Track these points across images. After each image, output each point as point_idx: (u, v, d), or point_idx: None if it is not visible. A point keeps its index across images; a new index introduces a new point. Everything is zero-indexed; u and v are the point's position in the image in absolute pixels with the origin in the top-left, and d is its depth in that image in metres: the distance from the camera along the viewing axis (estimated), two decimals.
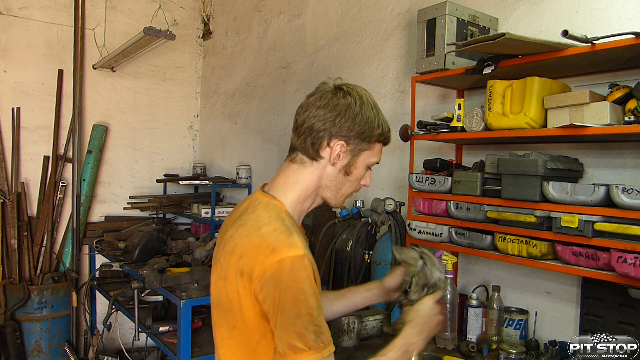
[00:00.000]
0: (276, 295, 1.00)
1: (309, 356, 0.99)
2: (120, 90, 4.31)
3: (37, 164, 3.89)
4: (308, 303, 1.00)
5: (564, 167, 1.70)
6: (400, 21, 2.65)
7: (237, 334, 1.10)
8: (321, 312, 1.03)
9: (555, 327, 1.92)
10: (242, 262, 1.05)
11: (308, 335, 1.00)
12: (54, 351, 3.61)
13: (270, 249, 1.01)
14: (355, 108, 1.13)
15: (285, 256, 1.00)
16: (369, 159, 1.20)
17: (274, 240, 1.03)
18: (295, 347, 0.99)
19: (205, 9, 4.69)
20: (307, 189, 1.17)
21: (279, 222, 1.07)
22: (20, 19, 3.82)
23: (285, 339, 1.00)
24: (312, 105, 1.14)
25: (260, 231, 1.05)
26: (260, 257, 1.02)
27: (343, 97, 1.13)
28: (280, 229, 1.05)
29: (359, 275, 2.30)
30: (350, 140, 1.14)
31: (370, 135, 1.16)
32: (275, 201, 1.15)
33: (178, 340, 2.40)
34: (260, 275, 1.01)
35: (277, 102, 3.68)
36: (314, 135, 1.13)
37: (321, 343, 1.01)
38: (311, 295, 1.01)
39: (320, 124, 1.12)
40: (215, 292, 1.16)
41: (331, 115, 1.12)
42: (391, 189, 2.65)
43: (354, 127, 1.13)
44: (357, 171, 1.19)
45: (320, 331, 1.01)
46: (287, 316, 1.00)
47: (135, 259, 3.03)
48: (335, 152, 1.14)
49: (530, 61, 1.70)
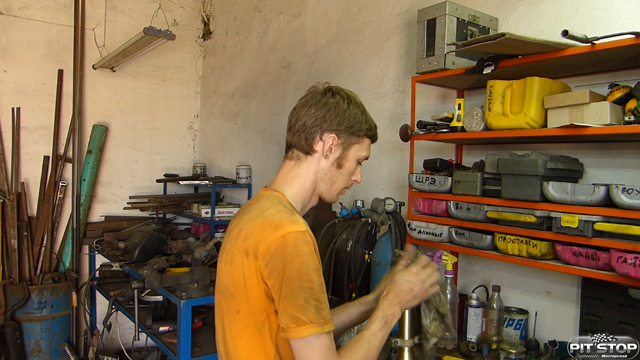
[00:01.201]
0: (280, 268, 1.05)
1: (311, 329, 1.02)
2: (120, 90, 4.31)
3: (37, 164, 3.89)
4: (310, 277, 1.05)
5: (564, 167, 1.70)
6: (400, 21, 2.65)
7: (241, 319, 1.13)
8: (323, 288, 1.07)
9: (555, 327, 1.92)
10: (247, 242, 1.11)
11: (309, 309, 1.03)
12: (54, 351, 3.61)
13: (274, 226, 1.08)
14: (344, 105, 1.23)
15: (288, 231, 1.06)
16: (359, 153, 1.27)
17: (277, 218, 1.10)
18: (298, 320, 1.02)
19: (205, 9, 4.69)
20: (304, 183, 1.25)
21: (281, 206, 1.16)
22: (20, 19, 3.82)
23: (289, 311, 1.03)
24: (304, 105, 1.25)
25: (264, 214, 1.13)
26: (265, 234, 1.08)
27: (332, 96, 1.23)
28: (283, 210, 1.13)
29: (359, 275, 2.30)
30: (340, 133, 1.23)
31: (359, 129, 1.24)
32: (276, 192, 1.23)
33: (178, 340, 2.40)
34: (265, 251, 1.07)
35: (277, 102, 3.68)
36: (307, 131, 1.22)
37: (322, 319, 1.04)
38: (313, 270, 1.06)
39: (312, 120, 1.22)
40: (221, 279, 1.20)
41: (321, 112, 1.22)
42: (391, 189, 2.65)
43: (343, 122, 1.22)
44: (349, 164, 1.26)
45: (321, 306, 1.05)
46: (291, 288, 1.04)
47: (135, 259, 3.03)
48: (327, 144, 1.22)
49: (530, 61, 1.70)
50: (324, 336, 1.04)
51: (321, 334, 1.03)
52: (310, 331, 1.02)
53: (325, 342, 1.04)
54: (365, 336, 1.15)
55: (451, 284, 1.90)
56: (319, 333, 1.02)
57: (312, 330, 1.02)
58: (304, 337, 1.02)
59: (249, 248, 1.10)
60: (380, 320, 1.19)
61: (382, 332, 1.18)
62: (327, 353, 1.04)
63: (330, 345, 1.05)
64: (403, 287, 1.25)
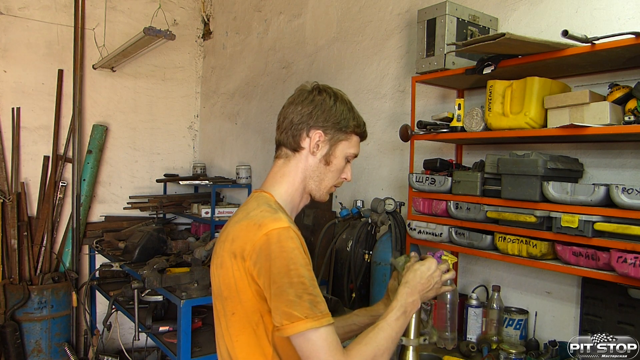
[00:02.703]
0: (267, 266, 1.04)
1: (306, 324, 0.99)
2: (120, 90, 4.31)
3: (37, 164, 3.89)
4: (299, 272, 1.03)
5: (564, 167, 1.70)
6: (400, 21, 2.65)
7: (237, 320, 1.12)
8: (314, 283, 1.05)
9: (555, 327, 1.92)
10: (234, 245, 1.11)
11: (303, 304, 1.00)
12: (54, 351, 3.61)
13: (258, 225, 1.08)
14: (330, 102, 1.23)
15: (271, 228, 1.06)
16: (347, 150, 1.27)
17: (260, 218, 1.10)
18: (291, 316, 1.00)
19: (205, 9, 4.69)
20: (293, 181, 1.25)
21: (266, 206, 1.16)
22: (20, 19, 3.82)
23: (281, 308, 1.02)
24: (291, 103, 1.25)
25: (248, 215, 1.14)
26: (250, 235, 1.09)
27: (319, 94, 1.24)
28: (266, 209, 1.14)
29: (359, 275, 2.30)
30: (327, 130, 1.23)
31: (346, 125, 1.24)
32: (264, 193, 1.24)
33: (178, 340, 2.40)
34: (251, 251, 1.07)
35: (277, 102, 3.67)
36: (294, 128, 1.23)
37: (319, 312, 1.01)
38: (302, 265, 1.04)
39: (298, 117, 1.22)
40: (215, 283, 1.20)
41: (308, 109, 1.22)
42: (391, 189, 2.65)
43: (330, 118, 1.22)
44: (337, 161, 1.26)
45: (315, 300, 1.02)
46: (279, 285, 1.02)
47: (135, 259, 3.03)
48: (314, 141, 1.22)
49: (530, 61, 1.70)
50: (322, 330, 1.00)
51: (318, 327, 0.99)
52: (305, 326, 0.99)
53: (325, 335, 1.00)
54: (379, 326, 1.12)
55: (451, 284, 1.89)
56: (315, 327, 0.99)
57: (308, 325, 0.99)
58: (301, 333, 1.00)
59: (236, 250, 1.10)
60: (398, 310, 1.17)
61: (400, 321, 1.16)
62: (328, 347, 1.00)
63: (332, 339, 1.01)
64: (424, 275, 1.25)
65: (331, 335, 1.02)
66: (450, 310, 1.88)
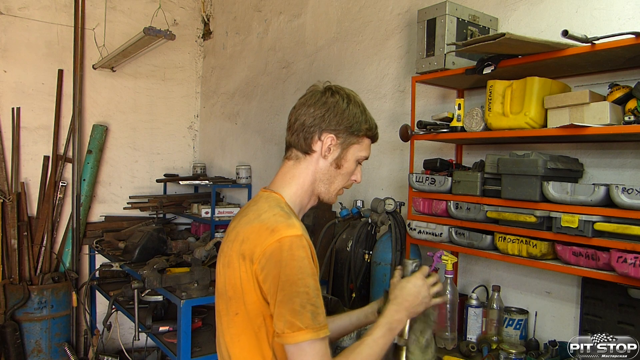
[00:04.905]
0: (276, 273, 1.04)
1: (306, 335, 1.01)
2: (120, 90, 4.31)
3: (37, 164, 3.89)
4: (306, 282, 1.04)
5: (564, 167, 1.70)
6: (400, 21, 2.65)
7: (239, 321, 1.12)
8: (319, 293, 1.06)
9: (555, 327, 1.92)
10: (244, 246, 1.10)
11: (305, 314, 1.02)
12: (54, 351, 3.61)
13: (270, 230, 1.07)
14: (343, 105, 1.21)
15: (284, 235, 1.05)
16: (358, 153, 1.26)
17: (274, 222, 1.09)
18: (293, 325, 1.02)
19: (205, 9, 4.69)
20: (303, 183, 1.23)
21: (278, 209, 1.14)
22: (20, 19, 3.82)
23: (285, 316, 1.02)
24: (303, 104, 1.23)
25: (260, 217, 1.12)
26: (261, 238, 1.07)
27: (331, 95, 1.22)
28: (280, 214, 1.12)
29: (359, 275, 2.30)
30: (339, 133, 1.21)
31: (358, 129, 1.22)
32: (274, 194, 1.22)
33: (178, 340, 2.40)
34: (260, 256, 1.06)
35: (277, 102, 3.68)
36: (306, 131, 1.21)
37: (318, 324, 1.03)
38: (309, 275, 1.05)
39: (310, 120, 1.20)
40: (220, 281, 1.20)
41: (320, 112, 1.20)
42: (391, 189, 2.65)
43: (342, 122, 1.20)
44: (348, 164, 1.25)
45: (317, 312, 1.04)
46: (287, 293, 1.03)
47: (135, 259, 3.03)
48: (326, 144, 1.21)
49: (530, 61, 1.70)
50: (318, 342, 1.03)
51: (315, 339, 1.02)
52: (305, 337, 1.01)
53: (318, 348, 1.03)
54: (365, 342, 1.15)
55: (451, 284, 1.90)
56: (313, 339, 1.02)
57: (307, 336, 1.01)
58: (298, 343, 1.02)
59: (245, 252, 1.09)
60: (384, 327, 1.19)
61: (385, 339, 1.18)
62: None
63: (324, 352, 1.04)
64: (410, 292, 1.25)
65: (324, 348, 1.05)
66: (450, 310, 1.89)
